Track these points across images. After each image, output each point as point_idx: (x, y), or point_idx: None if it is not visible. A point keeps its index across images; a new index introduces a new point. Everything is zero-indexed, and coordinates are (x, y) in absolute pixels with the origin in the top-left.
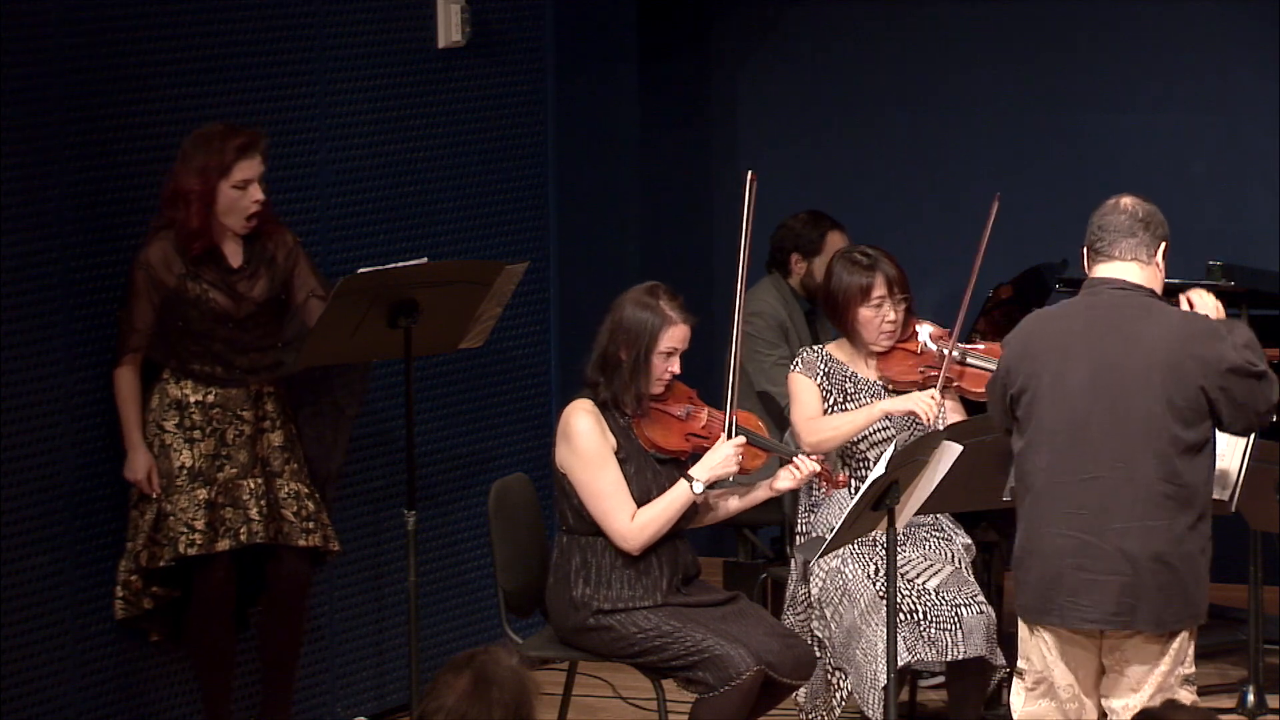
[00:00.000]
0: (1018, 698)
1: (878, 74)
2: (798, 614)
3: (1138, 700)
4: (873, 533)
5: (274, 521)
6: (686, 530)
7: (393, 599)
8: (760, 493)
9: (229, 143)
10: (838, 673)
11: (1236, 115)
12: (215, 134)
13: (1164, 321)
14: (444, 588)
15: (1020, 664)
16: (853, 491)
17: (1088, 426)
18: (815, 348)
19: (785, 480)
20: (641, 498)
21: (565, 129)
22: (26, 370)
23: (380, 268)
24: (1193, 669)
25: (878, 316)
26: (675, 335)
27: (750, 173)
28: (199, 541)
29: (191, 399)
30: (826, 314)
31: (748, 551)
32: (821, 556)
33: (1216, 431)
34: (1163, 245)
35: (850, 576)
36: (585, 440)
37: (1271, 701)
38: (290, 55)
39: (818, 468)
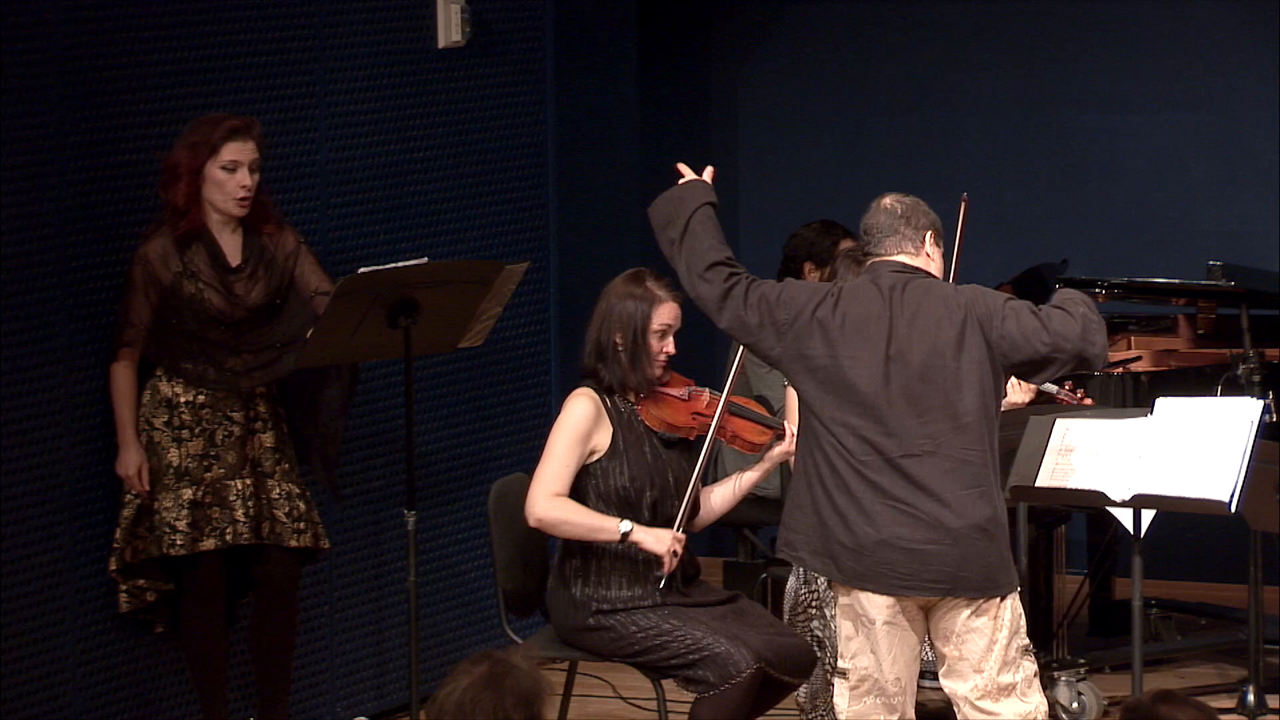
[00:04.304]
0: (841, 699)
1: (878, 74)
2: (798, 614)
3: (985, 680)
4: None
5: (264, 522)
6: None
7: (393, 599)
8: (752, 474)
9: (221, 124)
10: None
11: (1236, 115)
12: (211, 118)
13: (940, 295)
14: (444, 588)
15: (841, 664)
16: None
17: (889, 408)
18: None
19: (774, 452)
20: (643, 481)
21: (565, 129)
22: (26, 370)
23: (380, 268)
24: (1028, 640)
25: None
26: (665, 313)
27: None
28: (180, 543)
29: (181, 398)
30: None
31: (748, 551)
32: None
33: (1214, 431)
34: (928, 234)
35: None
36: (569, 416)
37: (1271, 701)
38: (290, 55)
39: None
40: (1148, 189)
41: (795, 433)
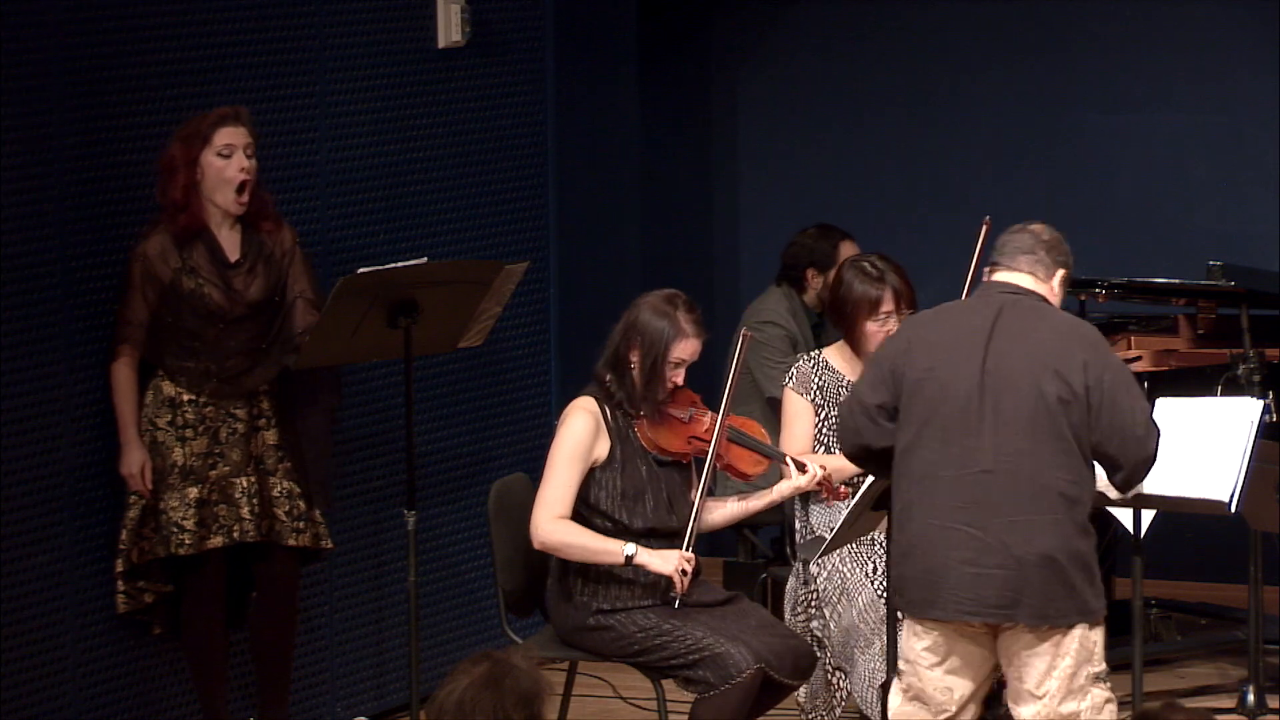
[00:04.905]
0: (895, 698)
1: (878, 75)
2: (798, 614)
3: (1044, 707)
4: (872, 532)
5: (265, 520)
6: None
7: (393, 599)
8: (757, 503)
9: (209, 115)
10: (838, 672)
11: (1236, 115)
12: (200, 115)
13: (1054, 322)
14: (444, 588)
15: (901, 664)
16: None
17: (978, 421)
18: (812, 355)
19: (784, 487)
20: (637, 496)
21: (565, 129)
22: (26, 370)
23: (380, 268)
24: (1104, 666)
25: (882, 330)
26: (686, 348)
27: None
28: (188, 541)
29: (184, 397)
30: (833, 320)
31: (748, 551)
32: (821, 556)
33: (1214, 431)
34: (1061, 272)
35: (849, 575)
36: (569, 433)
37: (1271, 701)
38: (290, 55)
39: (809, 476)
40: (1148, 189)
41: (798, 466)
